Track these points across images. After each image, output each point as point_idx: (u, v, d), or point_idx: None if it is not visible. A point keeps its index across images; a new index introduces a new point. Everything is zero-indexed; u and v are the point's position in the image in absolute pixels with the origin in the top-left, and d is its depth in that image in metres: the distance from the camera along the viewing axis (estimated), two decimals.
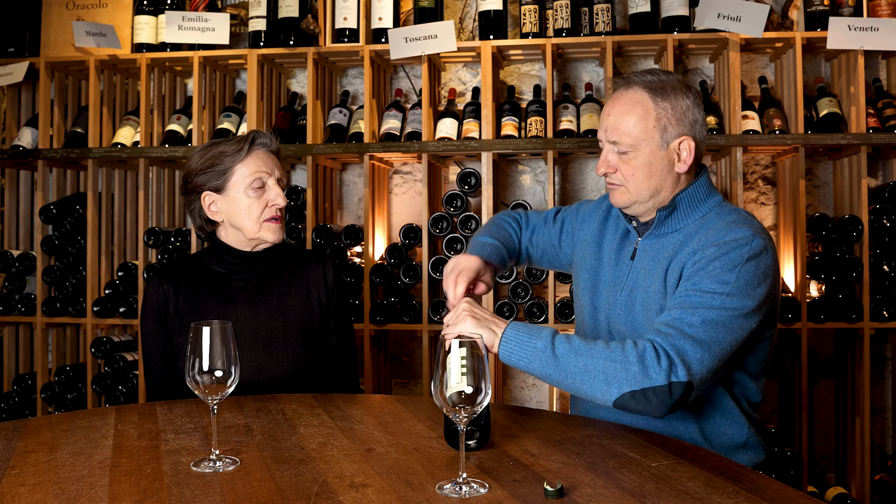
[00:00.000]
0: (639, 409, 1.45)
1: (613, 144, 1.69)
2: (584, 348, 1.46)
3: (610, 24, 3.03)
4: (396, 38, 3.02)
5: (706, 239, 1.60)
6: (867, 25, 2.83)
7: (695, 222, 1.68)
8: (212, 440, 1.36)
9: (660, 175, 1.67)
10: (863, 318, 2.86)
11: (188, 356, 1.31)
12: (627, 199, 1.71)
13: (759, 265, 1.55)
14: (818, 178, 3.26)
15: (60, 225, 3.37)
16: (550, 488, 1.16)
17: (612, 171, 1.70)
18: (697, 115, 1.68)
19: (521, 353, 1.47)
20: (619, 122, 1.67)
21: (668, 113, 1.65)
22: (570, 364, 1.45)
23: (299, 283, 2.04)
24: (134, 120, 3.34)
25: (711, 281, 1.52)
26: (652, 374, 1.42)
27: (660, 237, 1.72)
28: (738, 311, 1.51)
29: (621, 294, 1.74)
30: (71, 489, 1.21)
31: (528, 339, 1.47)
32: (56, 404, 3.38)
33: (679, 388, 1.43)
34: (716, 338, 1.48)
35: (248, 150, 1.96)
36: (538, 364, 1.47)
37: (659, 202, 1.70)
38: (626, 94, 1.68)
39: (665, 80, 1.68)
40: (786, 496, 1.16)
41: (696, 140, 1.68)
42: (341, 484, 1.21)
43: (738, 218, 1.64)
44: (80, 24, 3.20)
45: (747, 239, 1.56)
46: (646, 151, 1.66)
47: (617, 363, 1.44)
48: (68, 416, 1.63)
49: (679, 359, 1.44)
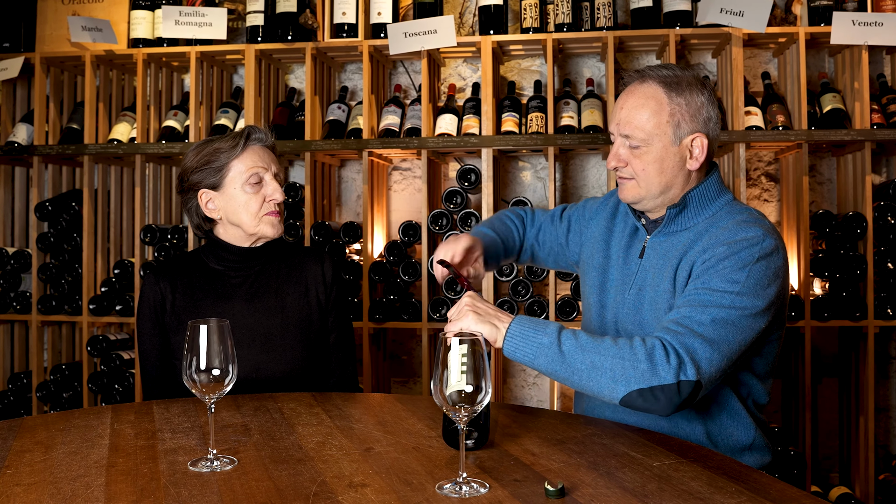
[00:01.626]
0: (646, 407, 1.43)
1: (625, 138, 1.67)
2: (590, 345, 1.44)
3: (611, 19, 3.01)
4: (395, 33, 2.99)
5: (717, 238, 1.58)
6: (871, 20, 2.80)
7: (705, 221, 1.66)
8: (209, 439, 1.35)
9: (671, 171, 1.66)
10: (867, 316, 2.84)
11: (185, 354, 1.30)
12: (637, 195, 1.69)
13: (770, 265, 1.54)
14: (822, 175, 3.24)
15: (56, 222, 3.35)
16: (551, 488, 1.15)
17: (623, 165, 1.69)
18: (712, 113, 1.67)
19: (525, 349, 1.45)
20: (632, 115, 1.65)
21: (683, 109, 1.64)
22: (576, 361, 1.43)
23: (297, 280, 2.03)
24: (130, 116, 3.32)
25: (721, 280, 1.51)
26: (661, 371, 1.41)
27: (669, 235, 1.70)
28: (748, 311, 1.49)
29: (630, 292, 1.72)
30: (67, 489, 1.20)
31: (534, 334, 1.45)
32: (52, 403, 3.37)
33: (688, 387, 1.41)
34: (725, 337, 1.46)
35: (243, 146, 1.94)
36: (543, 360, 1.45)
37: (669, 199, 1.69)
38: (641, 88, 1.67)
39: (681, 75, 1.66)
40: (789, 496, 1.15)
41: (710, 138, 1.66)
42: (340, 484, 1.21)
43: (748, 217, 1.63)
44: (76, 18, 3.18)
45: (758, 238, 1.55)
46: (658, 147, 1.64)
47: (625, 360, 1.42)
48: (64, 415, 1.63)
49: (688, 357, 1.42)
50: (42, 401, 3.36)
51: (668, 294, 1.63)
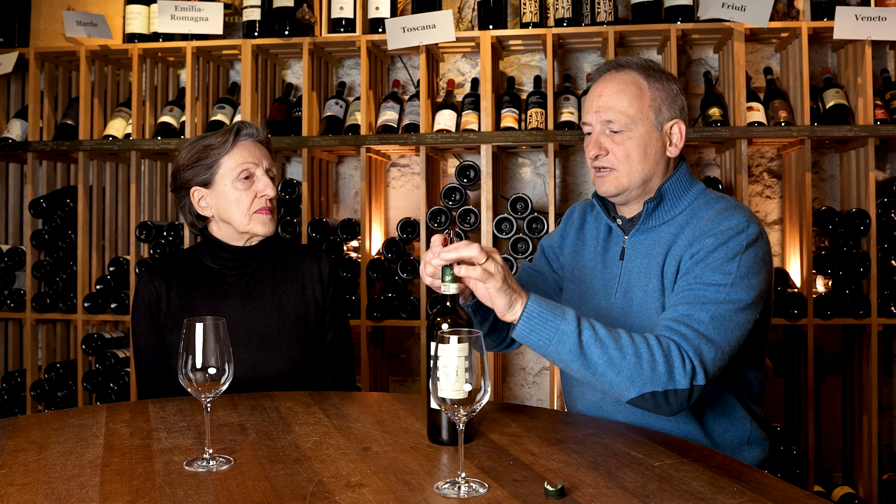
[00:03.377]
0: (654, 408, 1.42)
1: (606, 124, 1.65)
2: (609, 339, 1.40)
3: (612, 14, 2.99)
4: (394, 28, 2.97)
5: (700, 229, 1.57)
6: (875, 15, 2.79)
7: (683, 212, 1.66)
8: (205, 439, 1.34)
9: (654, 158, 1.65)
10: (870, 313, 2.82)
11: (181, 353, 1.30)
12: (618, 186, 1.66)
13: (757, 252, 1.54)
14: (825, 171, 3.22)
15: (50, 219, 3.33)
16: (551, 488, 1.14)
17: (604, 154, 1.66)
18: (684, 103, 1.72)
19: (542, 332, 1.38)
20: (613, 101, 1.64)
21: (662, 94, 1.66)
22: (594, 355, 1.39)
23: (294, 278, 2.02)
24: (125, 112, 3.30)
25: (714, 272, 1.50)
26: (677, 376, 1.40)
27: (649, 231, 1.67)
28: (741, 304, 1.49)
29: (615, 297, 1.69)
30: (61, 489, 1.19)
31: (553, 318, 1.39)
32: (46, 402, 3.35)
33: (697, 392, 1.41)
34: (725, 336, 1.46)
35: (233, 142, 1.94)
36: (559, 348, 1.39)
37: (648, 190, 1.68)
38: (620, 76, 1.67)
39: (654, 65, 1.69)
40: (792, 496, 1.14)
41: (686, 125, 1.69)
42: (337, 484, 1.20)
43: (727, 205, 1.62)
44: (71, 13, 3.16)
45: (743, 226, 1.55)
46: (641, 131, 1.64)
47: (643, 361, 1.39)
48: (58, 414, 1.62)
49: (699, 361, 1.42)
50: (36, 400, 3.35)
51: (658, 293, 1.60)
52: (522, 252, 2.99)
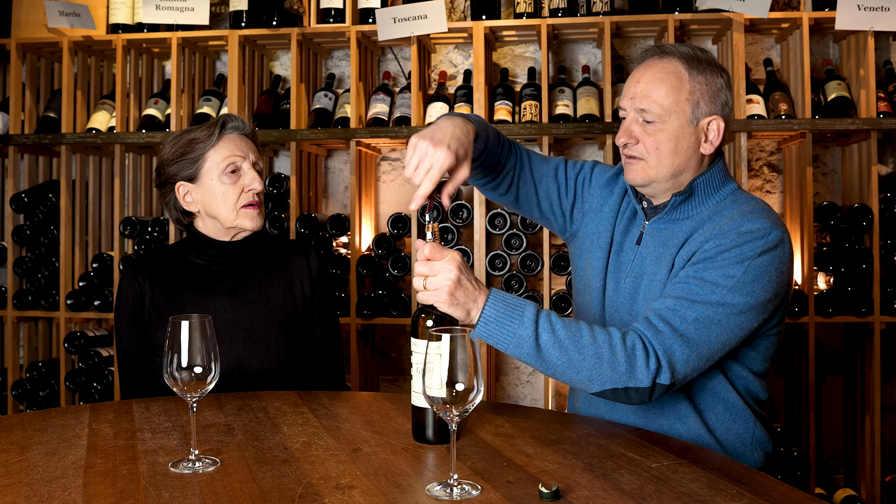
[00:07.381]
0: (616, 400, 1.45)
1: (640, 112, 1.58)
2: (568, 340, 1.39)
3: (608, 4, 2.93)
4: (384, 18, 2.92)
5: (720, 227, 1.53)
6: (877, 5, 2.74)
7: (709, 210, 1.61)
8: (191, 440, 1.34)
9: (685, 153, 1.58)
10: (873, 311, 2.78)
11: (166, 352, 1.29)
12: (645, 177, 1.60)
13: (773, 259, 1.49)
14: (826, 166, 3.17)
15: (32, 214, 3.27)
16: (546, 490, 1.13)
17: (634, 143, 1.59)
18: (728, 98, 1.63)
19: (499, 336, 1.39)
20: (649, 89, 1.57)
21: (703, 88, 1.58)
22: (552, 357, 1.39)
23: (281, 274, 2.00)
24: (109, 104, 3.24)
25: (716, 272, 1.47)
26: (639, 374, 1.40)
27: (670, 223, 1.63)
28: (736, 309, 1.46)
29: (626, 281, 1.66)
30: (43, 491, 1.18)
31: (510, 322, 1.38)
32: (28, 402, 3.31)
33: (660, 390, 1.42)
34: (706, 338, 1.44)
35: (219, 135, 1.93)
36: (517, 352, 1.40)
37: (678, 184, 1.61)
38: (661, 63, 1.59)
39: (701, 55, 1.61)
40: (792, 498, 1.14)
41: (726, 122, 1.61)
42: (326, 485, 1.19)
43: (755, 207, 1.57)
44: (53, 3, 3.10)
45: (764, 231, 1.50)
46: (674, 125, 1.57)
47: (603, 361, 1.39)
48: (40, 414, 1.61)
49: (666, 360, 1.41)
50: (18, 400, 3.30)
51: (663, 284, 1.57)
52: (516, 248, 2.92)
